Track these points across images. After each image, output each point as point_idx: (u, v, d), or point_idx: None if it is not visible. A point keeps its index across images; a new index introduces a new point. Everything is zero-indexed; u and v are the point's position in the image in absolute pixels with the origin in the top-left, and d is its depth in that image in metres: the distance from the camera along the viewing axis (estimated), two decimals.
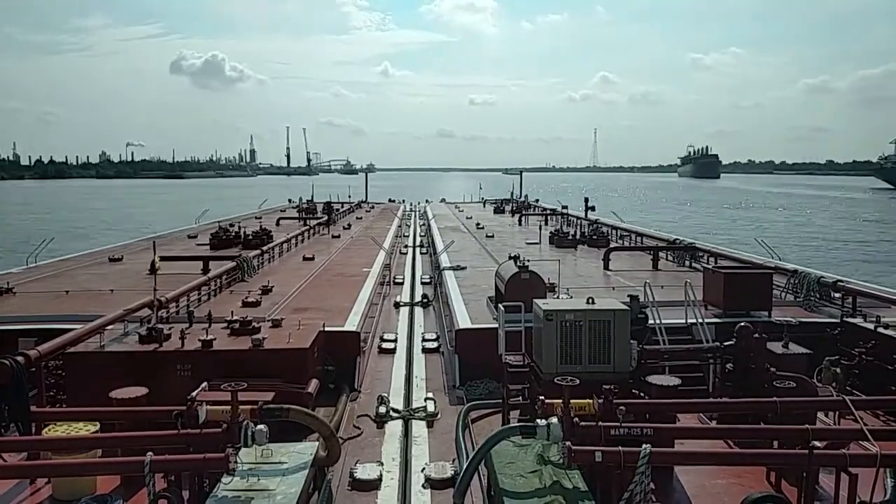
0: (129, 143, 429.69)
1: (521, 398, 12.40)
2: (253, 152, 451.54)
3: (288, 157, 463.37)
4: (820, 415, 11.40)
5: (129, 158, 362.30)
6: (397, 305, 22.43)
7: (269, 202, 63.87)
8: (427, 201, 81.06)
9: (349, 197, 68.57)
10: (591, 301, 12.28)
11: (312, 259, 28.56)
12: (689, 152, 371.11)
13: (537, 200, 70.47)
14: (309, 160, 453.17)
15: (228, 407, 8.77)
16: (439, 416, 13.09)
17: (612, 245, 32.42)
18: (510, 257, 19.05)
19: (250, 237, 32.67)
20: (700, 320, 15.17)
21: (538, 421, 8.65)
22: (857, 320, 15.67)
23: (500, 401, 12.57)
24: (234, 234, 33.77)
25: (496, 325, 13.51)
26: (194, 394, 8.90)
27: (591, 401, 9.20)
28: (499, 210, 60.38)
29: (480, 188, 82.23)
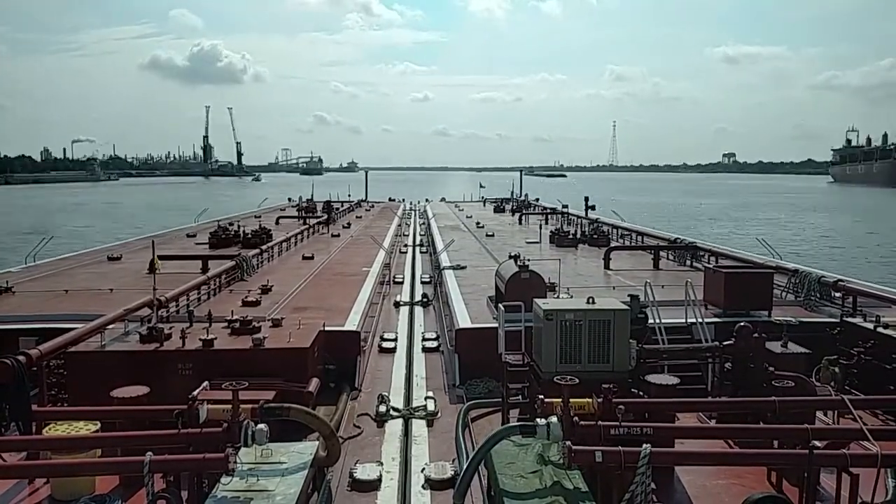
0: (75, 139, 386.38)
1: (520, 397, 12.44)
2: (207, 149, 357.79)
3: (205, 150, 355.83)
4: (819, 414, 11.40)
5: (71, 156, 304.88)
6: (397, 305, 22.42)
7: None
8: (427, 200, 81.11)
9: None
10: (591, 301, 12.30)
11: (312, 258, 28.56)
12: (850, 141, 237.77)
13: (537, 199, 70.49)
14: (240, 155, 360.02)
15: (229, 406, 8.77)
16: (439, 414, 13.10)
17: (613, 244, 32.46)
18: (510, 256, 19.06)
19: (249, 236, 32.65)
20: (699, 320, 15.20)
21: (538, 420, 8.65)
22: (857, 320, 15.66)
23: (500, 400, 12.58)
24: (233, 233, 33.77)
25: (496, 325, 13.52)
26: (195, 393, 8.91)
27: (590, 400, 9.22)
28: (499, 209, 60.42)
29: (481, 186, 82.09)
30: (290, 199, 70.18)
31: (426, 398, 13.70)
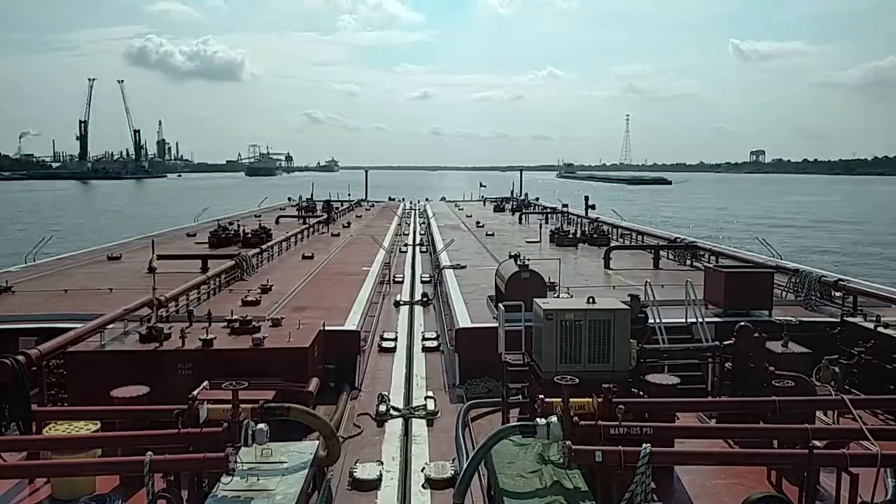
0: (22, 133, 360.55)
1: (520, 397, 12.44)
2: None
3: (82, 143, 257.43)
4: (819, 414, 11.40)
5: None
6: (397, 304, 22.43)
7: None
8: (427, 199, 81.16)
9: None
10: (591, 300, 12.30)
11: (312, 258, 28.56)
12: None
13: (537, 199, 70.48)
14: (139, 149, 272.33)
15: (229, 406, 8.77)
16: (439, 414, 13.10)
17: (613, 244, 32.45)
18: (510, 256, 19.05)
19: (249, 235, 32.66)
20: (700, 319, 15.19)
21: (538, 420, 8.65)
22: (857, 319, 15.67)
23: (500, 399, 12.58)
24: (233, 232, 33.76)
25: (496, 324, 13.51)
26: (195, 393, 8.91)
27: (590, 400, 9.22)
28: (499, 208, 60.48)
29: (482, 186, 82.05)
30: (289, 199, 70.13)
31: (426, 398, 13.70)
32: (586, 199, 44.43)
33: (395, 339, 17.99)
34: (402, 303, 22.60)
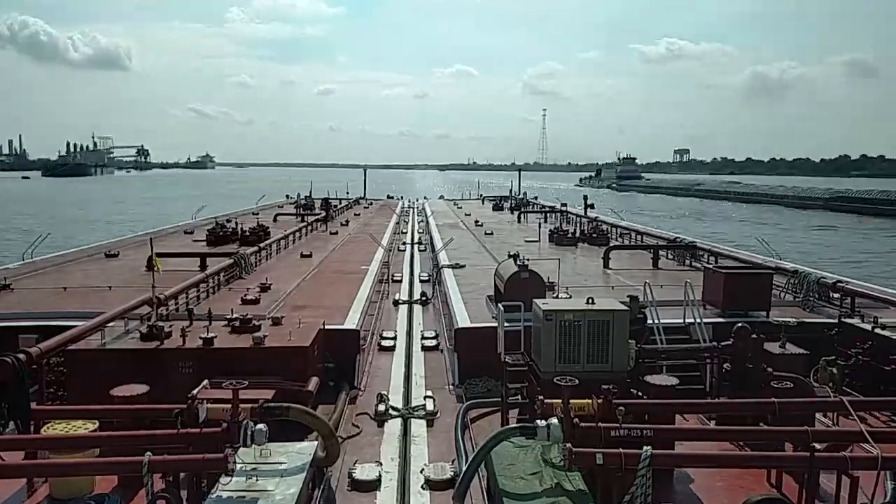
0: None
1: (519, 397, 12.45)
2: None
3: None
4: (818, 415, 11.43)
5: None
6: (396, 303, 22.41)
7: None
8: (425, 198, 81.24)
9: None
10: (590, 301, 12.32)
11: (310, 256, 28.54)
12: None
13: (536, 198, 70.50)
14: None
15: (229, 405, 8.75)
16: (438, 414, 13.10)
17: (613, 244, 32.48)
18: (510, 256, 19.06)
19: (247, 233, 32.64)
20: (698, 320, 15.21)
21: (538, 422, 8.65)
22: (855, 321, 15.73)
23: (499, 399, 12.59)
24: (230, 230, 33.72)
25: (495, 324, 13.52)
26: (195, 392, 8.90)
27: (589, 400, 9.23)
28: (497, 207, 60.50)
29: (479, 185, 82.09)
30: (287, 196, 70.01)
31: (425, 397, 13.70)
32: (585, 198, 44.36)
33: (395, 339, 17.98)
34: (401, 302, 22.59)
